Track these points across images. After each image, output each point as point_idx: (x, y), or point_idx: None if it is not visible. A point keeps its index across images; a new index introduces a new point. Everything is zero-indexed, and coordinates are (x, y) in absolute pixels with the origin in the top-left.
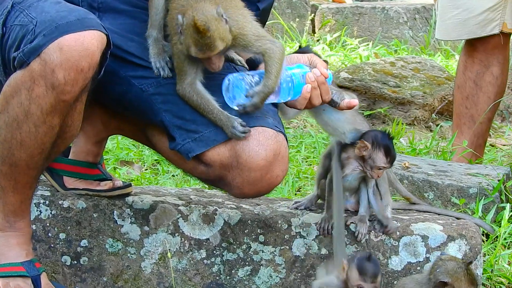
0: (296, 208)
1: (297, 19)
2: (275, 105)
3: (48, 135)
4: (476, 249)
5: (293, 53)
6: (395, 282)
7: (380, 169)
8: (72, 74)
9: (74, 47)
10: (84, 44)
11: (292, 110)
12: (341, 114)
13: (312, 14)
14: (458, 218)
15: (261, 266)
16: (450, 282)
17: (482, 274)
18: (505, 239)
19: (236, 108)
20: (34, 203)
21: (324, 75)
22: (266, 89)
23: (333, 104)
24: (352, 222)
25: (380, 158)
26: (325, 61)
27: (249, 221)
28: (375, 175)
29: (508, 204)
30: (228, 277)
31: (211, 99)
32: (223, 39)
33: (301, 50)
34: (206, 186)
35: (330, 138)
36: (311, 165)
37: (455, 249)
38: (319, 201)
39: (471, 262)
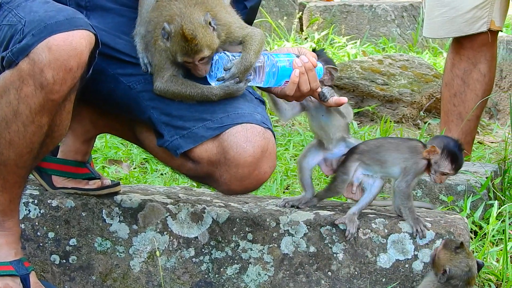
0: (284, 206)
1: (285, 17)
2: (263, 101)
3: (37, 135)
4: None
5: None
6: (383, 280)
7: (444, 174)
8: (61, 73)
9: (62, 47)
10: (72, 44)
11: (289, 110)
12: (336, 121)
13: (300, 12)
14: (420, 207)
15: (250, 264)
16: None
17: (477, 275)
18: (493, 236)
19: (216, 83)
20: (23, 202)
21: (312, 63)
22: (243, 61)
23: (322, 97)
24: (342, 223)
25: (446, 164)
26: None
27: (237, 219)
28: (438, 180)
29: (496, 201)
30: (216, 276)
31: (196, 82)
32: (210, 46)
33: (316, 53)
34: (195, 184)
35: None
36: None
37: None
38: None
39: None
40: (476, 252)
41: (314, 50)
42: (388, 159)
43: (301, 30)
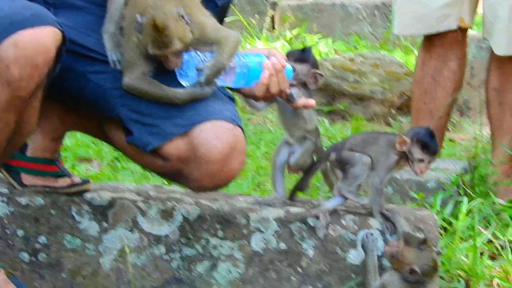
0: (257, 204)
1: (256, 16)
2: (232, 99)
3: (4, 132)
4: (434, 242)
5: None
6: (353, 276)
7: (421, 162)
8: (28, 70)
9: (29, 43)
10: (39, 40)
11: (261, 102)
12: (300, 121)
13: (272, 11)
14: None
15: (220, 261)
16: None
17: (440, 267)
18: (462, 232)
19: (187, 84)
20: None
21: (281, 64)
22: (217, 64)
23: (290, 99)
24: (313, 215)
25: (417, 151)
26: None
27: (208, 217)
28: (418, 170)
29: (466, 197)
30: (187, 273)
31: (163, 85)
32: (181, 39)
33: (304, 53)
34: (165, 182)
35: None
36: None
37: None
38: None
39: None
40: (446, 248)
41: (303, 50)
42: (371, 154)
43: (273, 28)
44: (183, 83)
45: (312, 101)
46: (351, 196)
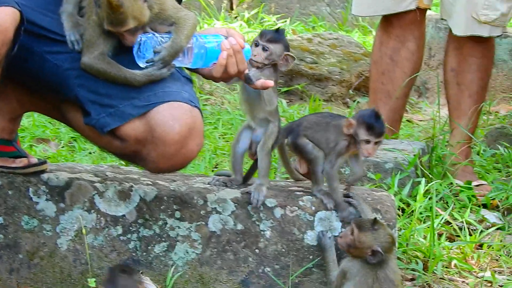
0: (214, 184)
1: None
2: (190, 80)
3: None
4: (391, 223)
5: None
6: (310, 257)
7: (367, 143)
8: None
9: None
10: None
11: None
12: (261, 102)
13: None
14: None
15: (178, 242)
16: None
17: (398, 248)
18: (420, 213)
19: (145, 65)
20: None
21: (240, 44)
22: (174, 45)
23: (248, 80)
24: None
25: (363, 132)
26: None
27: (165, 197)
28: (365, 151)
29: (424, 178)
30: (144, 253)
31: (121, 66)
32: (136, 18)
33: (278, 34)
34: (122, 162)
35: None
36: (228, 141)
37: None
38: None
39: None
40: (404, 229)
41: (277, 30)
42: (322, 140)
43: (231, 8)
44: (141, 64)
45: (270, 82)
46: (324, 198)
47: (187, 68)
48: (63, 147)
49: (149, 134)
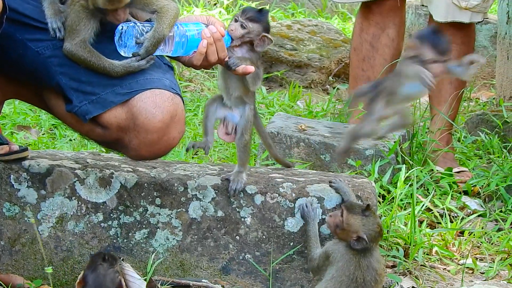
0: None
1: None
2: (171, 67)
3: None
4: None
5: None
6: (291, 244)
7: (435, 62)
8: None
9: None
10: None
11: None
12: (240, 81)
13: None
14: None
15: (158, 229)
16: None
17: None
18: (401, 200)
19: (126, 54)
20: None
21: (220, 32)
22: (156, 35)
23: (229, 67)
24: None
25: (428, 51)
26: None
27: (145, 184)
28: (435, 69)
29: (404, 165)
30: (125, 240)
31: (101, 55)
32: None
33: (260, 14)
34: (103, 149)
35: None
36: None
37: None
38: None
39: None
40: (384, 216)
41: (260, 10)
42: None
43: None
44: (122, 53)
45: (251, 68)
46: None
47: (168, 56)
48: (43, 134)
49: (131, 121)
